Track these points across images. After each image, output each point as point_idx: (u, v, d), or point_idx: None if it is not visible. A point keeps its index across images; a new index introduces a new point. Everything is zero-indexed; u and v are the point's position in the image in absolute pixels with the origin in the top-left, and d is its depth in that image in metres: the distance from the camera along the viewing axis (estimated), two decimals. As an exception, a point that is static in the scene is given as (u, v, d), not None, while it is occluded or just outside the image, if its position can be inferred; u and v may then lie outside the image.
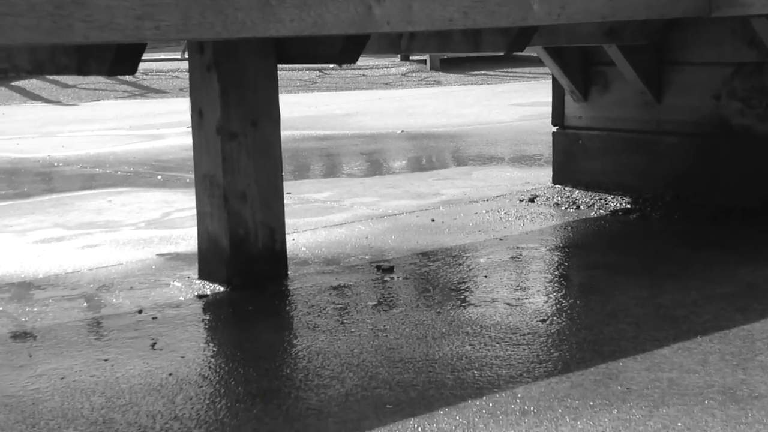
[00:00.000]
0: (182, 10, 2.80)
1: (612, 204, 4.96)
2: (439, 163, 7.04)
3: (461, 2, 3.39)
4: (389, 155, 7.52)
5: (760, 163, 4.67)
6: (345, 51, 3.53)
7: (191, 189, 4.69)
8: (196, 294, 3.67)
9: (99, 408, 2.60)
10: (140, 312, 3.46)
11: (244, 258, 3.79)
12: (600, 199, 5.06)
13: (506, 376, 2.72)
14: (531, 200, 5.15)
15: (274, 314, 3.47)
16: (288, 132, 7.98)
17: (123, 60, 3.03)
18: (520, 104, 10.82)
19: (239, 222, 3.77)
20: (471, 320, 3.22)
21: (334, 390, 2.67)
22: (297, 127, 9.13)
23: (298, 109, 10.94)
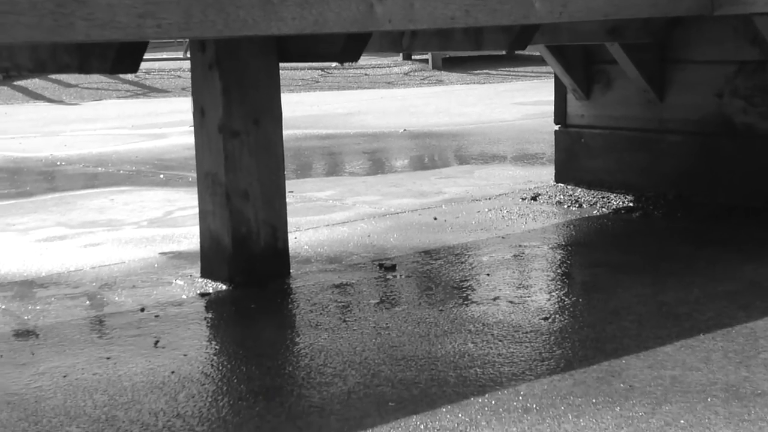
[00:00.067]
0: (184, 9, 2.80)
1: (614, 202, 4.96)
2: (442, 162, 7.03)
3: (463, 0, 3.38)
4: (391, 154, 7.51)
5: (763, 161, 4.67)
6: (347, 49, 3.53)
7: (193, 188, 4.69)
8: (199, 292, 3.67)
9: (101, 406, 2.60)
10: (143, 310, 3.46)
11: (247, 256, 3.79)
12: (602, 198, 5.05)
13: (509, 374, 2.71)
14: (533, 199, 5.15)
15: (277, 312, 3.46)
16: (290, 131, 7.98)
17: (125, 58, 3.03)
18: (523, 103, 10.81)
19: (241, 220, 3.77)
20: (473, 318, 3.22)
21: (337, 388, 2.67)
22: (299, 126, 9.13)
23: (301, 109, 10.95)
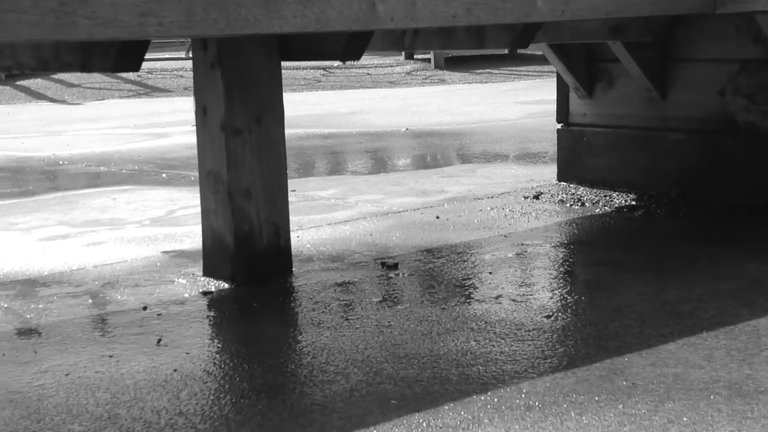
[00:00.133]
0: (185, 7, 2.80)
1: (617, 201, 4.95)
2: (444, 161, 7.03)
3: (465, -2, 3.38)
4: (394, 153, 7.51)
5: (766, 159, 4.66)
6: (348, 48, 3.53)
7: (196, 187, 4.69)
8: (201, 291, 3.67)
9: (104, 404, 2.60)
10: (145, 309, 3.46)
11: (249, 255, 3.79)
12: (605, 196, 5.05)
13: (511, 372, 2.71)
14: (536, 197, 5.15)
15: (279, 311, 3.46)
16: (292, 130, 7.98)
17: (126, 57, 3.03)
18: (525, 102, 10.81)
19: (244, 219, 3.77)
20: (476, 316, 3.22)
21: (339, 385, 2.67)
22: (301, 126, 9.14)
23: (303, 108, 10.95)
